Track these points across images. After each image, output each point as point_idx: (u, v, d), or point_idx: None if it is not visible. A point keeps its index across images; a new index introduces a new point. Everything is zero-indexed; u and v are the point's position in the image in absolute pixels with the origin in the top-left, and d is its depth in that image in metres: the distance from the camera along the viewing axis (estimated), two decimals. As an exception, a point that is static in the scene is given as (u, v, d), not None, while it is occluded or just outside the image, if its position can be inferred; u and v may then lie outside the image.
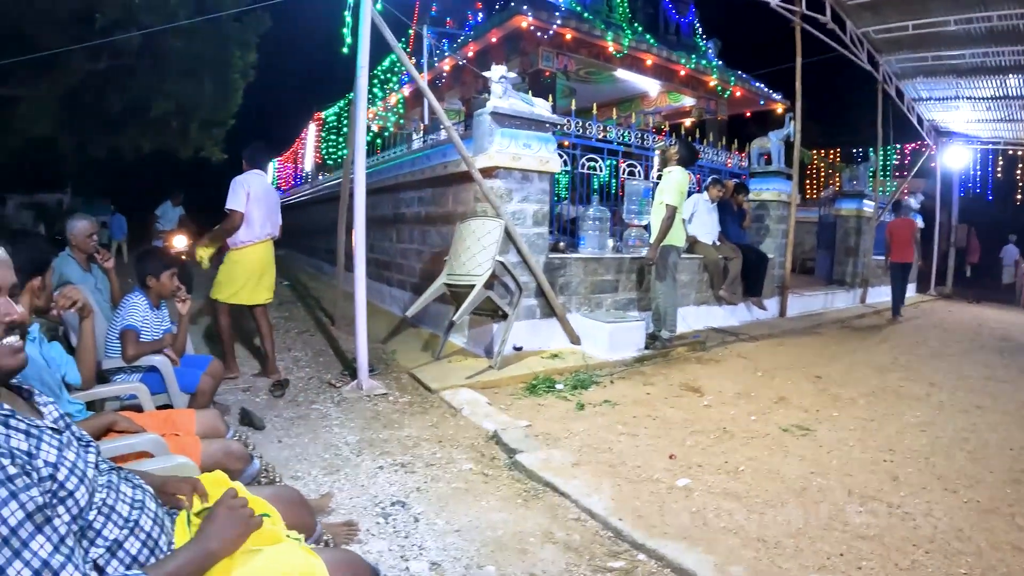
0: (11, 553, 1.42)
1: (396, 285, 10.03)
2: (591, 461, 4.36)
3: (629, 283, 8.25)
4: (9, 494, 1.45)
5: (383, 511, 3.79)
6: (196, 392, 4.57)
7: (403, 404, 5.92)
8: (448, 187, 8.15)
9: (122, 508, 1.81)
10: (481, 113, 7.12)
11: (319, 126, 22.61)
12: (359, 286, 6.38)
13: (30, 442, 1.64)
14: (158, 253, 4.95)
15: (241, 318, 7.30)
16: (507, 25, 12.83)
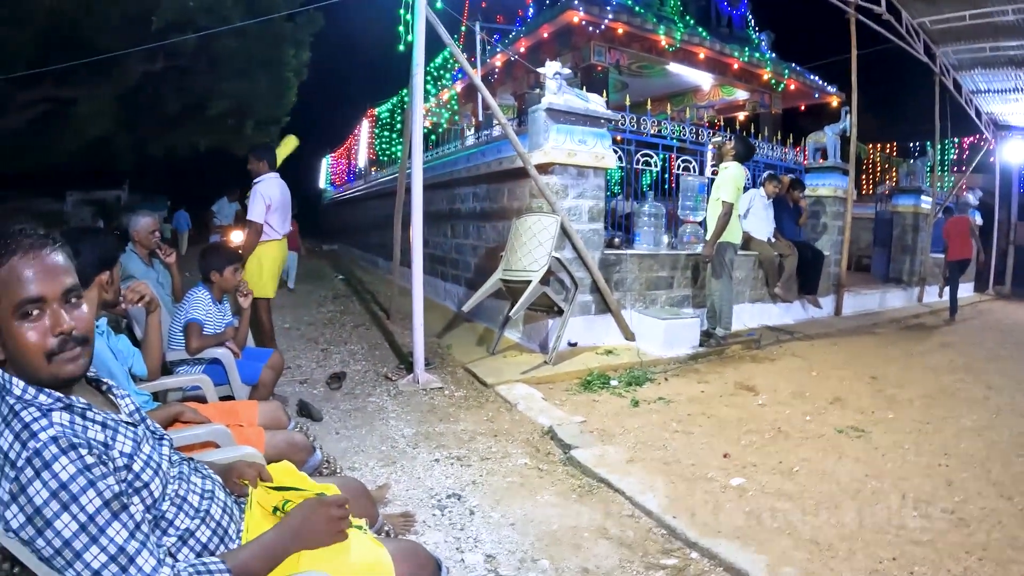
0: (88, 539, 1.47)
1: (451, 280, 10.12)
2: (645, 458, 4.37)
3: (684, 280, 8.22)
4: (88, 482, 1.50)
5: (439, 503, 3.85)
6: (257, 384, 4.67)
7: (459, 398, 5.99)
8: (503, 183, 8.20)
9: (193, 498, 1.86)
10: (536, 109, 7.16)
11: (372, 123, 22.80)
12: (416, 281, 6.51)
13: (106, 433, 1.69)
14: (221, 249, 5.05)
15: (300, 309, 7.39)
16: (558, 20, 12.84)
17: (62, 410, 1.63)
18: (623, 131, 8.32)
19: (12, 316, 1.61)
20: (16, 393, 1.63)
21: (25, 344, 1.62)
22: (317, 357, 7.64)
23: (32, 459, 1.48)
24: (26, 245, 1.64)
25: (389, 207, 15.04)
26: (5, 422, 1.57)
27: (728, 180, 7.35)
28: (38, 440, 1.50)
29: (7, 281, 1.61)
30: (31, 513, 1.46)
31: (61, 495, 1.46)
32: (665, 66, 14.49)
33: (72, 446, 1.52)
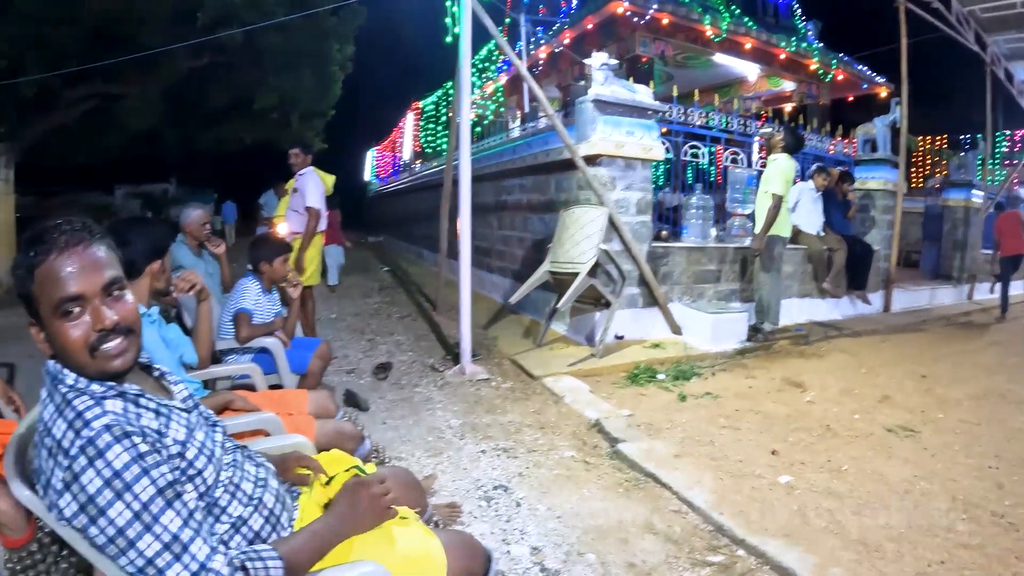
0: (142, 527, 1.47)
1: (496, 272, 10.17)
2: (693, 453, 4.36)
3: (732, 273, 8.15)
4: (142, 471, 1.50)
5: (485, 494, 3.89)
6: (306, 373, 4.71)
7: (505, 390, 6.04)
8: (550, 175, 8.21)
9: (246, 486, 1.86)
10: (583, 100, 7.17)
11: (417, 116, 22.91)
12: (464, 273, 6.58)
13: (160, 421, 1.69)
14: (271, 240, 5.08)
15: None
16: (603, 11, 12.80)
17: (115, 398, 1.65)
18: (671, 122, 8.27)
19: (53, 315, 1.62)
20: (68, 382, 1.64)
21: (68, 342, 1.62)
22: (363, 347, 7.75)
23: (85, 447, 1.48)
24: (62, 242, 1.63)
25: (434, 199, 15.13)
26: (59, 411, 1.59)
27: (778, 172, 7.27)
28: (91, 429, 1.51)
29: (46, 280, 1.61)
30: (84, 501, 1.46)
31: (115, 483, 1.47)
32: (711, 57, 14.35)
33: (125, 434, 1.53)
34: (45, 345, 1.68)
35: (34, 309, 1.64)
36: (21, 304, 1.68)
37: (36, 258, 1.60)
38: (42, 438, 1.59)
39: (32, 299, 1.63)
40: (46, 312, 1.62)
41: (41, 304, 1.62)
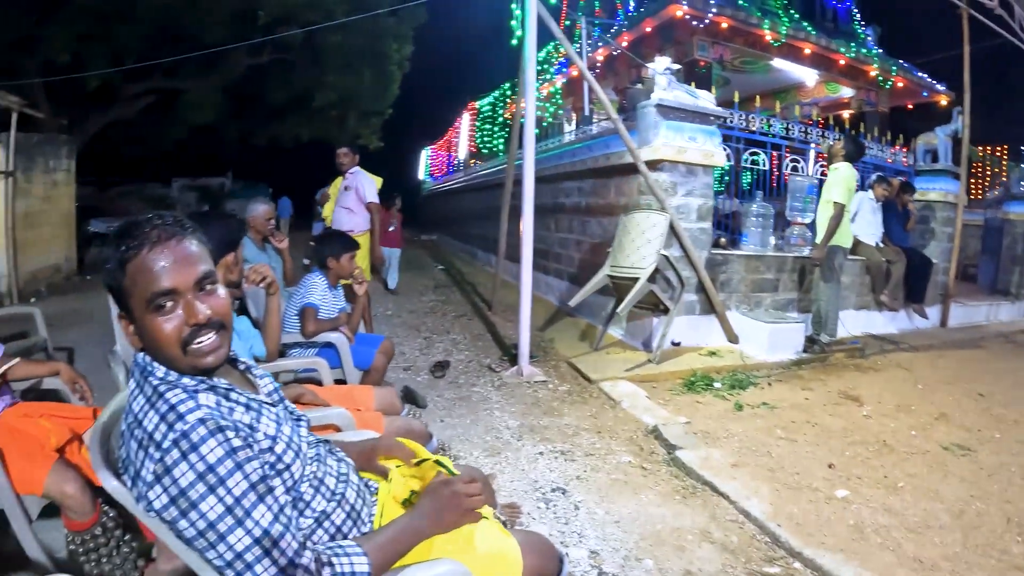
0: (234, 522, 1.47)
1: (553, 274, 10.21)
2: (750, 463, 4.39)
3: (790, 283, 8.09)
4: (235, 465, 1.50)
5: (544, 496, 3.94)
6: (370, 369, 4.78)
7: (562, 392, 6.09)
8: (610, 178, 8.23)
9: (329, 481, 1.86)
10: (646, 105, 7.19)
11: (473, 116, 23.01)
12: (525, 275, 6.62)
13: (251, 415, 1.70)
14: (339, 236, 5.18)
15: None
16: (661, 14, 12.80)
17: (207, 391, 1.65)
18: (731, 128, 8.24)
19: (146, 309, 1.61)
20: (159, 375, 1.64)
21: (160, 336, 1.62)
22: (420, 345, 7.87)
23: (179, 441, 1.48)
24: (155, 236, 1.63)
25: (489, 199, 15.26)
26: (150, 403, 1.58)
27: (839, 181, 7.19)
28: (185, 422, 1.50)
29: (138, 275, 1.61)
30: (176, 494, 1.46)
31: (208, 477, 1.46)
32: (769, 61, 14.26)
33: (219, 428, 1.52)
34: (134, 338, 1.68)
35: (124, 303, 1.65)
36: (109, 296, 1.69)
37: (128, 252, 1.61)
38: (131, 429, 1.59)
39: (123, 293, 1.63)
40: (138, 306, 1.62)
41: (133, 298, 1.62)
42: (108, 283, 1.66)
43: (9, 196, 11.05)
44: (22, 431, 3.11)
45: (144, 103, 20.12)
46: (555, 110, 16.54)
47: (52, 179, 13.72)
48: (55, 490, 2.84)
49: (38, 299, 10.98)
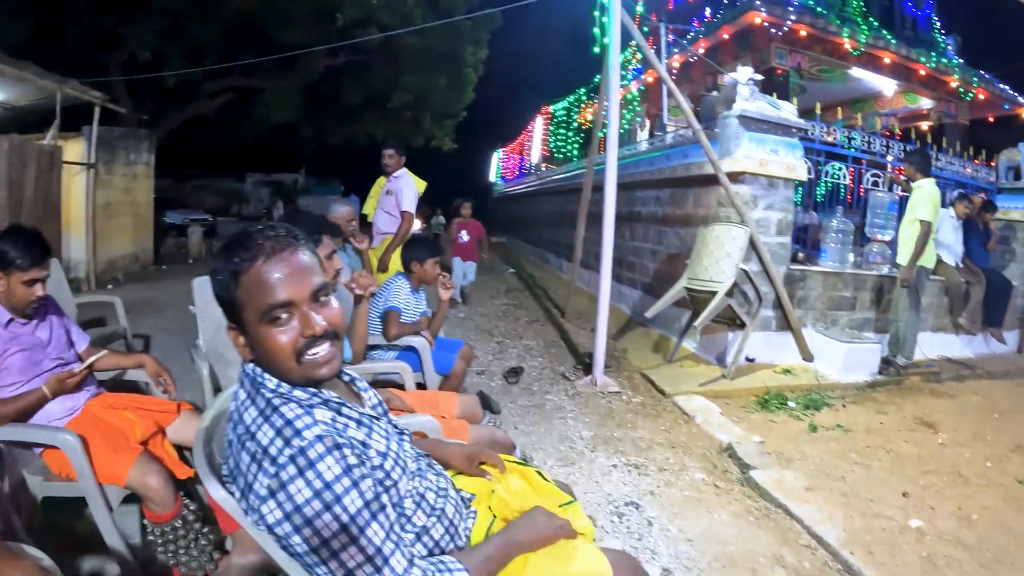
0: (348, 539, 1.47)
1: (626, 283, 10.16)
2: (823, 488, 4.35)
3: (868, 301, 7.91)
4: (352, 483, 1.50)
5: (617, 510, 3.97)
6: (450, 375, 4.79)
7: (636, 404, 6.13)
8: (688, 189, 8.16)
9: (430, 496, 1.85)
10: (728, 116, 7.15)
11: (547, 120, 23.04)
12: (604, 285, 6.68)
13: (363, 431, 1.70)
14: (425, 241, 5.21)
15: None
16: (739, 21, 12.67)
17: (322, 406, 1.65)
18: (811, 140, 8.12)
19: (259, 321, 1.61)
20: (270, 387, 1.64)
21: (276, 348, 1.62)
22: (493, 349, 7.96)
23: (296, 457, 1.48)
24: (268, 248, 1.62)
25: (562, 204, 15.31)
26: (263, 416, 1.58)
27: (925, 198, 7.01)
28: (303, 438, 1.50)
29: (253, 287, 1.61)
30: (290, 510, 1.46)
31: (324, 495, 1.46)
32: (847, 70, 13.92)
33: (337, 445, 1.52)
34: (245, 349, 1.69)
35: (236, 314, 1.65)
36: (220, 306, 1.70)
37: (242, 264, 1.61)
38: (243, 441, 1.59)
39: (235, 304, 1.64)
40: (251, 318, 1.62)
41: (247, 310, 1.62)
42: (219, 294, 1.67)
43: (90, 187, 11.57)
44: (107, 422, 3.22)
45: (222, 100, 20.72)
46: (632, 116, 16.50)
47: (132, 172, 14.26)
48: (138, 482, 2.93)
49: (115, 287, 11.42)
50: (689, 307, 7.07)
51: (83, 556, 3.21)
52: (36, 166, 9.51)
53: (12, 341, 3.11)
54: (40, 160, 9.63)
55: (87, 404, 3.36)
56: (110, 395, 3.53)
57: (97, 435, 3.09)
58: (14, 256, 3.06)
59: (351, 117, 22.13)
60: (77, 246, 11.52)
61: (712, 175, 7.02)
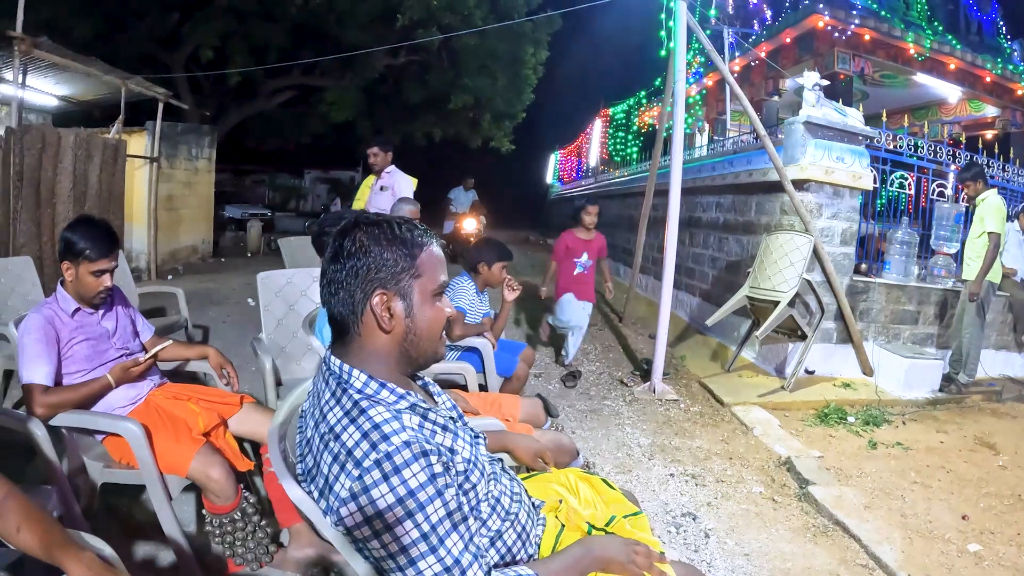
0: (427, 548, 1.48)
1: (684, 289, 10.08)
2: (882, 507, 4.31)
3: (930, 316, 7.72)
4: (436, 492, 1.50)
5: (674, 520, 4.00)
6: (512, 377, 4.84)
7: (694, 413, 6.13)
8: (751, 195, 8.11)
9: (504, 500, 1.85)
10: (793, 122, 7.08)
11: (606, 122, 22.98)
12: (666, 291, 6.67)
13: (448, 436, 1.70)
14: (494, 244, 5.18)
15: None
16: (802, 25, 12.54)
17: (409, 411, 1.65)
18: (877, 148, 7.96)
19: (433, 297, 1.72)
20: (357, 387, 1.65)
21: (438, 322, 1.75)
22: (550, 352, 7.96)
23: (382, 462, 1.48)
24: (429, 236, 1.75)
25: (620, 208, 15.31)
26: (349, 417, 1.58)
27: (992, 210, 6.82)
28: (390, 443, 1.50)
29: (430, 265, 1.71)
30: (371, 515, 1.47)
31: (408, 503, 1.46)
32: (910, 76, 13.64)
33: (424, 453, 1.52)
34: (391, 320, 1.69)
35: (398, 282, 1.68)
36: (373, 270, 1.66)
37: (425, 239, 1.73)
38: (326, 441, 1.59)
39: (403, 273, 1.68)
40: (425, 294, 1.71)
41: (419, 280, 1.69)
42: (403, 266, 1.68)
43: (153, 180, 11.98)
44: (170, 413, 3.28)
45: (284, 98, 21.08)
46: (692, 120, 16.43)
47: (194, 166, 14.68)
48: (200, 474, 2.99)
49: (174, 277, 11.71)
50: (749, 316, 7.04)
51: (138, 542, 3.32)
52: (101, 159, 9.82)
53: (78, 330, 3.19)
54: (105, 153, 9.94)
55: (150, 394, 3.44)
56: (173, 385, 3.61)
57: (160, 425, 3.17)
58: (84, 247, 3.11)
59: (410, 116, 22.30)
60: (139, 237, 11.97)
61: (776, 182, 6.97)
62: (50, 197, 8.90)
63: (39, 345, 3.03)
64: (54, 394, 2.99)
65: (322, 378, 1.76)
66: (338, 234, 1.71)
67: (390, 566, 1.52)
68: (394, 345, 1.71)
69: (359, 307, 1.67)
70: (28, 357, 3.01)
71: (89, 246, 3.13)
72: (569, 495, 2.20)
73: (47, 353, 3.04)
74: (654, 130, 18.85)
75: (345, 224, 1.73)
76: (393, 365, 1.73)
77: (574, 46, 31.16)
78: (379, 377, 1.68)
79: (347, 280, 1.66)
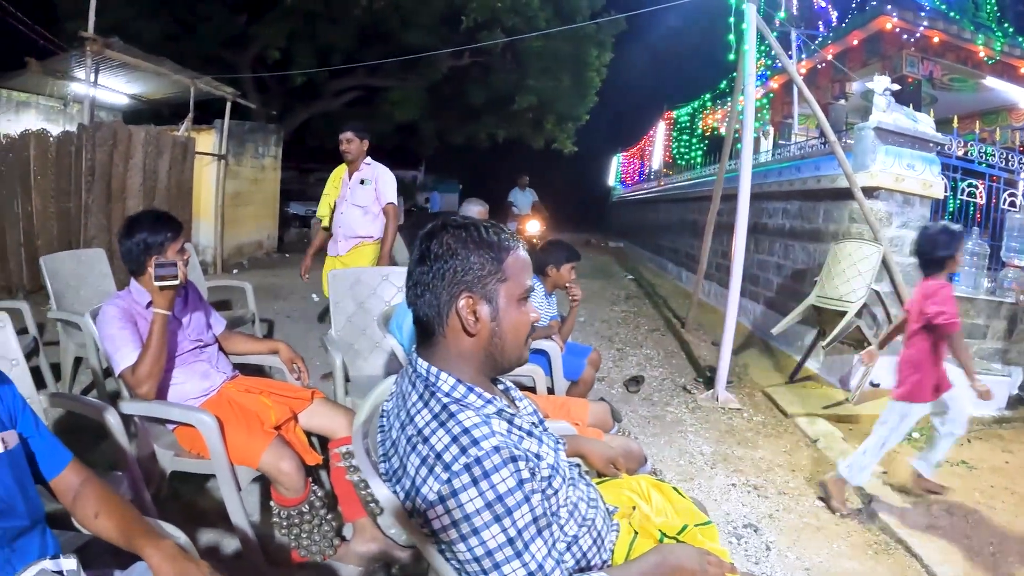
0: (512, 553, 1.49)
1: (747, 296, 9.97)
2: (944, 526, 4.21)
3: (999, 331, 7.46)
4: (524, 497, 1.52)
5: (735, 531, 4.01)
6: (578, 380, 4.86)
7: (757, 423, 6.09)
8: (818, 202, 8.01)
9: (581, 506, 1.86)
10: (864, 128, 7.00)
11: (669, 125, 22.85)
12: (732, 298, 6.63)
13: (534, 442, 1.74)
14: (562, 245, 5.21)
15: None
16: (869, 26, 12.31)
17: (496, 416, 1.68)
18: (949, 156, 7.86)
19: (518, 301, 1.73)
20: (445, 390, 1.68)
21: (524, 326, 1.75)
22: (613, 356, 8.01)
23: (471, 466, 1.49)
24: (516, 241, 1.76)
25: (683, 212, 15.23)
26: (438, 420, 1.61)
27: None
28: (480, 448, 1.52)
29: (516, 269, 1.72)
30: (459, 518, 1.49)
31: (496, 507, 1.48)
32: (980, 80, 13.25)
33: (513, 458, 1.54)
34: (477, 323, 1.70)
35: (484, 285, 1.70)
36: (458, 271, 1.69)
37: (512, 243, 1.75)
38: (413, 443, 1.62)
39: (490, 277, 1.70)
40: (512, 297, 1.72)
41: (504, 285, 1.71)
42: (489, 270, 1.70)
43: (220, 177, 12.39)
44: (242, 406, 3.35)
45: (348, 98, 21.44)
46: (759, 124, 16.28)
47: (260, 163, 15.12)
48: (272, 466, 3.06)
49: (240, 271, 12.04)
50: (814, 325, 6.97)
51: (201, 528, 3.44)
52: (170, 156, 10.29)
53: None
54: (174, 150, 10.38)
55: (223, 386, 3.53)
56: (246, 379, 3.71)
57: (232, 417, 3.23)
58: (160, 240, 3.18)
59: (473, 117, 22.52)
60: (206, 232, 12.46)
61: (844, 189, 6.88)
62: (121, 191, 9.32)
63: (124, 332, 3.13)
64: (139, 366, 3.07)
65: (408, 380, 1.79)
66: (425, 236, 1.74)
67: (474, 569, 1.53)
68: (479, 349, 1.73)
69: (445, 309, 1.70)
70: (117, 345, 3.11)
71: (168, 229, 3.23)
72: (642, 502, 2.21)
73: (133, 340, 3.13)
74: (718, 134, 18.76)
75: (432, 226, 1.75)
76: (477, 368, 1.75)
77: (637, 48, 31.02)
78: (464, 380, 1.71)
79: (433, 282, 1.68)
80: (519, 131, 22.92)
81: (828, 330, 6.41)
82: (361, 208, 6.45)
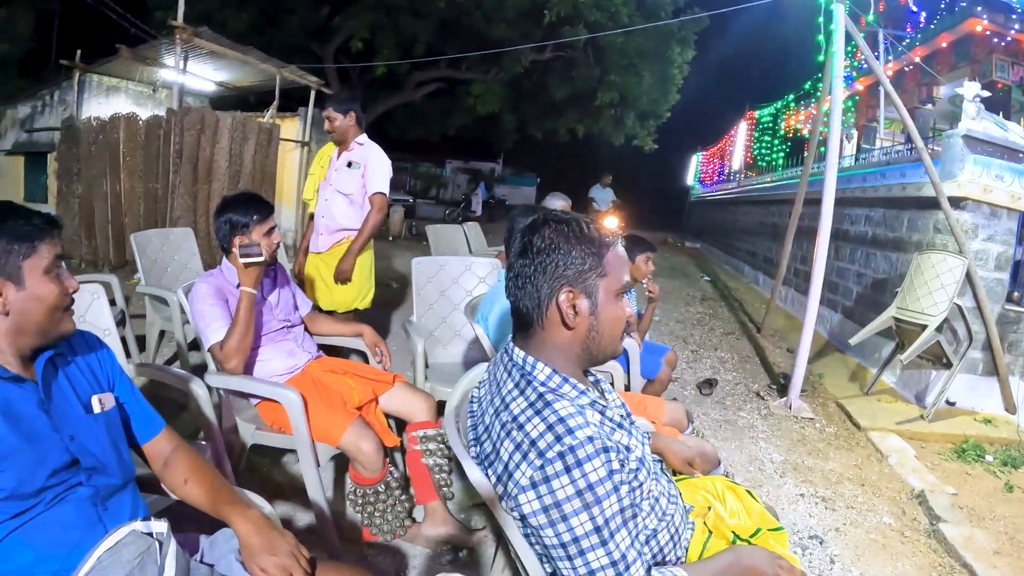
0: (599, 541, 1.54)
1: (825, 303, 9.73)
2: (1012, 553, 4.10)
3: None
4: (613, 487, 1.58)
5: (800, 542, 4.00)
6: (654, 379, 4.86)
7: (829, 434, 5.99)
8: (903, 210, 7.82)
9: (662, 501, 1.90)
10: (952, 135, 6.80)
11: (751, 125, 22.58)
12: (812, 305, 6.52)
13: (624, 434, 1.79)
14: (638, 238, 5.19)
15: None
16: (959, 29, 12.04)
17: (590, 407, 1.74)
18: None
19: (616, 296, 1.77)
20: (540, 379, 1.74)
21: (620, 320, 1.79)
22: (687, 357, 8.03)
23: (565, 454, 1.55)
24: (615, 237, 1.81)
25: (762, 215, 15.05)
26: (534, 409, 1.67)
27: None
28: (575, 437, 1.57)
29: (615, 264, 1.76)
30: (549, 504, 1.55)
31: (586, 495, 1.54)
32: (1070, 87, 12.94)
33: (605, 448, 1.60)
34: (577, 316, 1.75)
35: (584, 280, 1.74)
36: (558, 267, 1.73)
37: (612, 240, 1.79)
38: (508, 429, 1.69)
39: (590, 272, 1.74)
40: (610, 292, 1.77)
41: (604, 280, 1.75)
42: (590, 265, 1.75)
43: (304, 163, 12.67)
44: (326, 385, 3.46)
45: (429, 89, 21.71)
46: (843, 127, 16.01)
47: None
48: (352, 445, 3.14)
49: (319, 255, 12.29)
50: (893, 338, 6.85)
51: (276, 501, 3.49)
52: (256, 141, 10.61)
53: None
54: (260, 136, 10.72)
55: (307, 365, 3.64)
56: (329, 359, 3.82)
57: (315, 395, 3.34)
58: (245, 221, 3.29)
59: (554, 112, 22.55)
60: (287, 216, 12.87)
61: (930, 198, 6.70)
62: (207, 174, 9.71)
63: (215, 308, 3.25)
64: (227, 342, 3.17)
65: (503, 367, 1.86)
66: (527, 230, 1.79)
67: (559, 554, 1.59)
68: (576, 342, 1.78)
69: (545, 302, 1.75)
70: (208, 320, 3.23)
71: (255, 211, 3.33)
72: (716, 502, 2.24)
73: (223, 316, 3.25)
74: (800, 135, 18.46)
75: (534, 220, 1.81)
76: (573, 360, 1.81)
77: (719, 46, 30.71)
78: (559, 371, 1.77)
79: (535, 275, 1.73)
80: (599, 127, 22.87)
81: (907, 343, 6.27)
82: (346, 196, 5.26)
